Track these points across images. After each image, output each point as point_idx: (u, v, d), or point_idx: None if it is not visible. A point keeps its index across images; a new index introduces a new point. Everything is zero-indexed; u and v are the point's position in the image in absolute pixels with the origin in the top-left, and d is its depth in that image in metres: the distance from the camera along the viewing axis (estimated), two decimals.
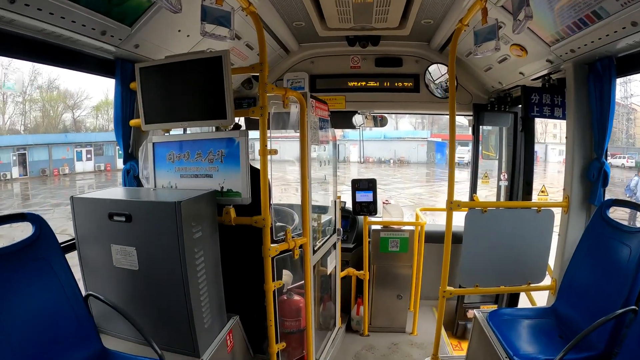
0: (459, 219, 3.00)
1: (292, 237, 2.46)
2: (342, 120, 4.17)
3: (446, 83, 4.08)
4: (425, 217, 3.95)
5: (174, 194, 2.28)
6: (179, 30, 2.60)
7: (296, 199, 2.87)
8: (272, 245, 2.30)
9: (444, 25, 3.38)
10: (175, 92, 2.33)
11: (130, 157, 2.75)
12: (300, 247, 2.55)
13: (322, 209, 3.36)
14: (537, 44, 2.77)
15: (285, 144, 3.29)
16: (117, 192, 2.38)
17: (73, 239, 2.29)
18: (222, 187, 2.36)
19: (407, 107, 4.20)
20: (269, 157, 2.24)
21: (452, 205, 2.76)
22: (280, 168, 4.19)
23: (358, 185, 3.55)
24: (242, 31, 3.07)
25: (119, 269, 2.14)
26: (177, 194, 2.19)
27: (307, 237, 2.57)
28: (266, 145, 2.22)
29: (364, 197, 3.57)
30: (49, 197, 21.40)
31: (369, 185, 3.55)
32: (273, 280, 2.36)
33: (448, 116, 2.86)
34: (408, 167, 31.83)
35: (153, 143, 2.59)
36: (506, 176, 4.23)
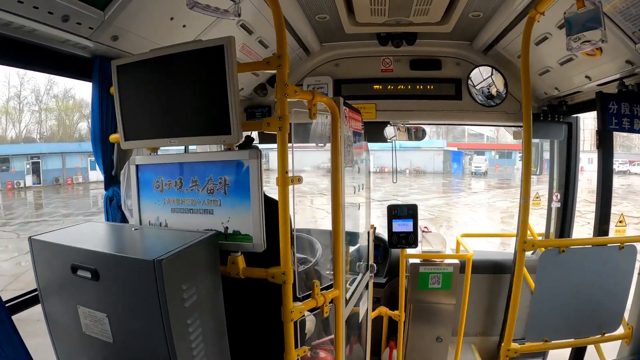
0: (491, 246, 2.44)
1: (321, 291, 1.83)
2: (372, 132, 3.54)
3: (488, 89, 3.45)
4: (467, 243, 3.37)
5: (159, 239, 1.68)
6: (172, 19, 2.02)
7: (311, 214, 2.24)
8: (295, 304, 1.67)
9: (494, 20, 2.79)
10: (163, 98, 1.74)
11: (112, 181, 2.17)
12: (331, 301, 1.92)
13: (352, 238, 2.74)
14: (618, 40, 2.18)
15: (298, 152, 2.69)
16: (86, 233, 1.78)
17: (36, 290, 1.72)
18: (227, 228, 1.74)
19: (447, 117, 3.56)
20: (291, 186, 1.62)
21: (526, 246, 2.17)
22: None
23: (395, 212, 2.92)
24: (254, 23, 2.48)
25: (91, 338, 1.54)
26: (162, 241, 1.61)
27: (340, 288, 1.94)
28: (287, 172, 1.60)
29: (402, 226, 2.94)
30: (61, 207, 21.25)
31: (409, 212, 2.92)
32: (296, 346, 1.72)
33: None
34: (424, 177, 31.01)
35: (136, 165, 1.99)
36: (559, 197, 3.68)
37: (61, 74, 2.04)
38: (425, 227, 3.39)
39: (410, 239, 2.96)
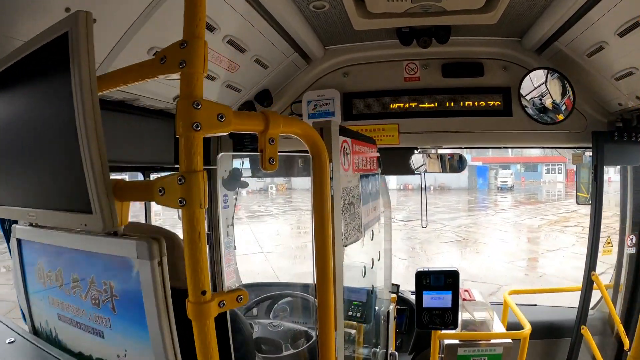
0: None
1: None
2: (393, 162, 2.71)
3: (541, 99, 2.57)
4: (512, 300, 2.64)
5: None
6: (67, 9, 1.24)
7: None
8: None
9: (557, 4, 1.95)
10: (7, 138, 0.96)
11: None
12: None
13: (366, 314, 1.89)
14: None
15: None
16: None
17: None
18: None
19: (493, 140, 2.68)
20: None
21: None
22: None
23: (427, 281, 2.03)
24: (247, 38, 1.83)
25: None
26: None
27: None
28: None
29: (436, 301, 2.05)
30: None
31: (447, 281, 2.02)
32: None
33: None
34: (449, 194, 29.59)
35: (17, 239, 1.22)
36: (634, 240, 2.78)
37: None
38: (466, 291, 2.48)
39: (447, 318, 2.06)
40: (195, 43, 0.71)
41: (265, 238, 11.79)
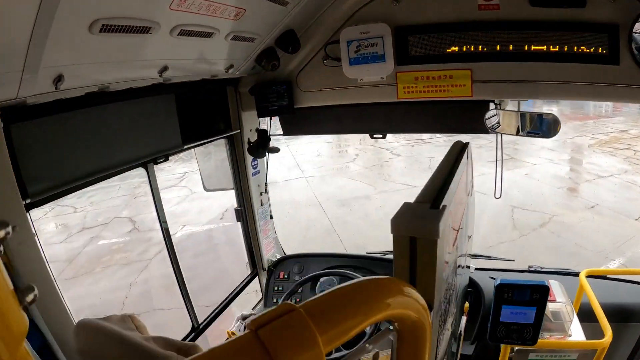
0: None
1: None
2: (463, 118, 2.13)
3: None
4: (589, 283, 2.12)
5: None
6: None
7: None
8: None
9: None
10: None
11: None
12: None
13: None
14: None
15: None
16: None
17: None
18: None
19: (592, 94, 1.88)
20: None
21: None
22: None
23: (509, 294, 1.59)
24: None
25: None
26: None
27: None
28: None
29: (517, 316, 1.64)
30: None
31: (533, 297, 1.58)
32: None
33: None
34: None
35: None
36: None
37: None
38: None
39: (526, 333, 1.65)
40: None
41: (305, 161, 11.49)
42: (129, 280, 5.71)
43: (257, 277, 2.91)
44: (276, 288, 2.76)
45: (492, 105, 2.05)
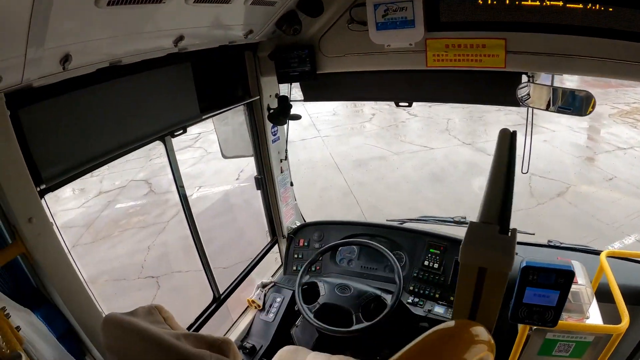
0: None
1: None
2: (494, 89, 2.05)
3: None
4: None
5: None
6: None
7: None
8: None
9: None
10: None
11: None
12: None
13: None
14: None
15: None
16: None
17: None
18: None
19: (635, 74, 1.72)
20: None
21: None
22: None
23: (534, 276, 1.56)
24: None
25: None
26: None
27: None
28: None
29: (540, 298, 1.63)
30: None
31: (558, 281, 1.55)
32: None
33: None
34: None
35: None
36: None
37: None
38: None
39: (548, 315, 1.64)
40: None
41: (321, 120, 11.30)
42: (147, 244, 5.81)
43: (276, 245, 2.94)
44: (296, 255, 2.79)
45: (524, 78, 1.93)
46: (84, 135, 1.44)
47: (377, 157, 8.45)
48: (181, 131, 1.90)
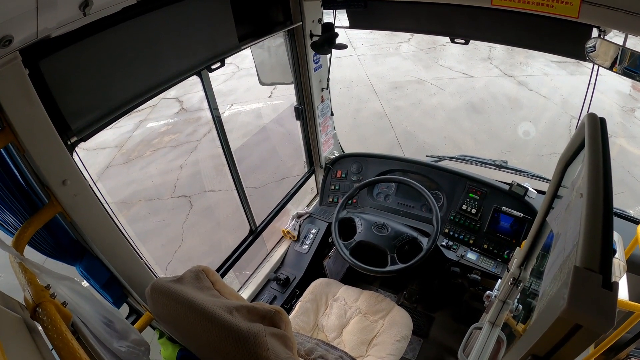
0: None
1: None
2: (562, 37, 1.77)
3: None
4: None
5: None
6: None
7: None
8: None
9: None
10: None
11: None
12: None
13: None
14: None
15: None
16: None
17: None
18: None
19: None
20: None
21: None
22: None
23: None
24: None
25: None
26: None
27: None
28: None
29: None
30: None
31: None
32: None
33: None
34: None
35: None
36: None
37: None
38: None
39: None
40: None
41: (358, 38, 10.51)
42: (179, 163, 5.83)
43: (313, 175, 2.92)
44: (333, 187, 2.76)
45: (594, 33, 1.66)
46: (114, 78, 1.33)
47: (415, 81, 7.97)
48: (219, 64, 1.78)
